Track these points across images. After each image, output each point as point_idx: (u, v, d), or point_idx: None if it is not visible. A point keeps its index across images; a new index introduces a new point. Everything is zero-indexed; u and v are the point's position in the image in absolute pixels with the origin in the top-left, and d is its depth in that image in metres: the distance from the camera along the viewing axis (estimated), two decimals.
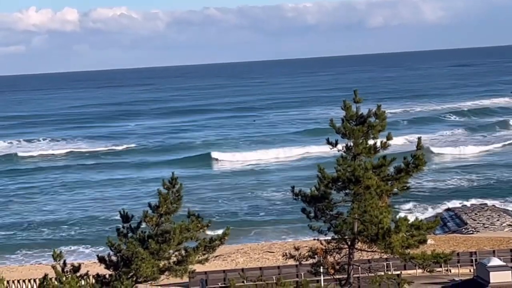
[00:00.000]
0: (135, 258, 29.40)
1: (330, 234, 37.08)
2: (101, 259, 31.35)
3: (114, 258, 30.82)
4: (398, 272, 48.59)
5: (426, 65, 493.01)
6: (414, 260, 35.84)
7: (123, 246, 30.35)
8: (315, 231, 36.89)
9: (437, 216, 74.06)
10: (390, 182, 36.16)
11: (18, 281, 55.39)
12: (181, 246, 30.75)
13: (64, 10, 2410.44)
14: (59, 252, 28.61)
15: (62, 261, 28.78)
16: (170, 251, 30.44)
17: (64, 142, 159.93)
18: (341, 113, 37.33)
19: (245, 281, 37.28)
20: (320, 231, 36.81)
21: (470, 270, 54.04)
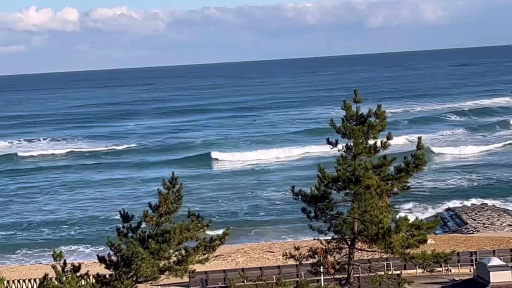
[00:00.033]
0: (135, 258, 29.39)
1: (330, 234, 37.13)
2: (101, 259, 31.33)
3: (114, 258, 30.80)
4: (398, 272, 48.62)
5: (426, 64, 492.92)
6: (414, 260, 35.86)
7: (123, 246, 30.32)
8: (315, 231, 36.94)
9: (437, 216, 74.17)
10: (390, 182, 36.18)
11: (18, 281, 55.35)
12: (181, 246, 30.73)
13: (64, 10, 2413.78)
14: (59, 252, 28.59)
15: (62, 261, 28.77)
16: (170, 251, 30.41)
17: (64, 142, 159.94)
18: (341, 113, 37.35)
19: (245, 281, 37.24)
20: (320, 231, 36.85)
21: (470, 270, 54.02)
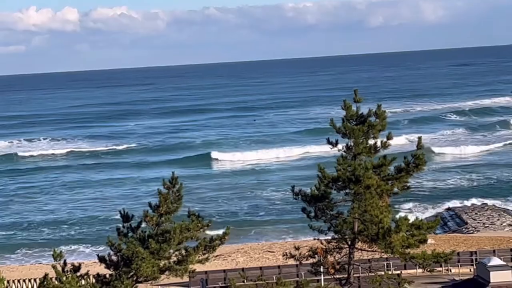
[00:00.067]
0: (135, 258, 29.38)
1: (330, 234, 37.12)
2: (101, 259, 31.32)
3: (114, 257, 30.80)
4: (398, 271, 48.55)
5: (426, 64, 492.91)
6: (414, 259, 35.85)
7: (123, 245, 30.31)
8: (315, 231, 36.94)
9: (437, 215, 74.20)
10: (390, 182, 36.17)
11: (18, 280, 55.34)
12: (181, 246, 30.73)
13: (64, 10, 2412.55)
14: (59, 251, 28.60)
15: (62, 260, 28.77)
16: (170, 251, 30.41)
17: (64, 142, 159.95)
18: (341, 112, 37.34)
19: (245, 280, 37.26)
20: (320, 231, 36.85)
21: (470, 270, 54.01)
